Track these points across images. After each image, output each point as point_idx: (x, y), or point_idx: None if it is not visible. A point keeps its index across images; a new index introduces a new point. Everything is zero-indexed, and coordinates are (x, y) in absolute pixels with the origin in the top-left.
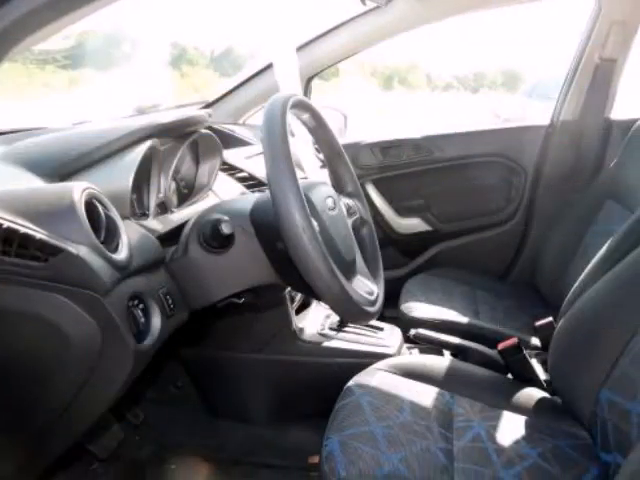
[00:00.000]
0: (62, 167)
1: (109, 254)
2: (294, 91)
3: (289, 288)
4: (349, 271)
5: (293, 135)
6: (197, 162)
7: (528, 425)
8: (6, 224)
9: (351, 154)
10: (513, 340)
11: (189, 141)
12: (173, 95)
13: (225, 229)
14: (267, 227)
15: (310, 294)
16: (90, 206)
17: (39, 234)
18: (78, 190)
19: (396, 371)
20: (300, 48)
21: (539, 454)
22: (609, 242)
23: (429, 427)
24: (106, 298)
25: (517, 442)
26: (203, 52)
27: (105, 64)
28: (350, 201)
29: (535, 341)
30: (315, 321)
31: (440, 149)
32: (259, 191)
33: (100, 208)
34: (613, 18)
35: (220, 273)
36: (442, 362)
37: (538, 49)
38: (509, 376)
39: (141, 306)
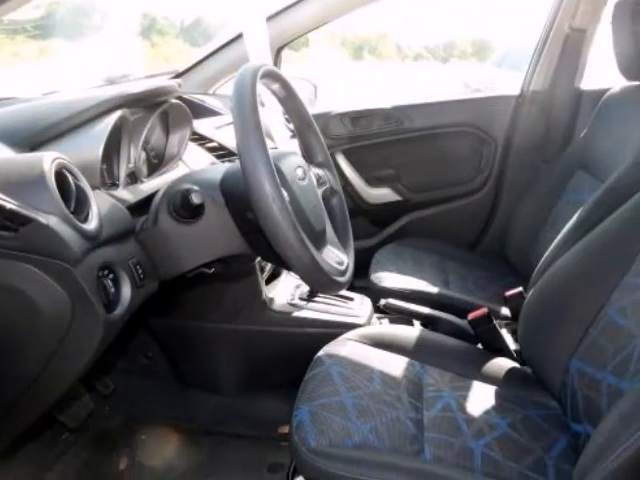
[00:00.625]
0: (32, 137)
1: (79, 224)
2: (264, 61)
3: (259, 258)
4: (319, 241)
5: (263, 105)
6: (167, 132)
7: (498, 395)
8: None
9: (321, 124)
10: (483, 310)
11: (159, 111)
12: (143, 65)
13: (195, 199)
14: (237, 197)
15: (280, 264)
16: (60, 176)
17: (9, 204)
18: (48, 160)
19: (366, 341)
20: (270, 18)
21: (509, 424)
22: (579, 212)
23: (399, 397)
24: (76, 268)
25: (487, 412)
26: (173, 22)
27: (75, 34)
28: (320, 171)
29: (505, 311)
30: (285, 291)
31: (410, 119)
32: (229, 161)
33: (70, 178)
34: None
35: (190, 243)
36: (412, 332)
37: (508, 19)
38: (479, 346)
39: (111, 276)
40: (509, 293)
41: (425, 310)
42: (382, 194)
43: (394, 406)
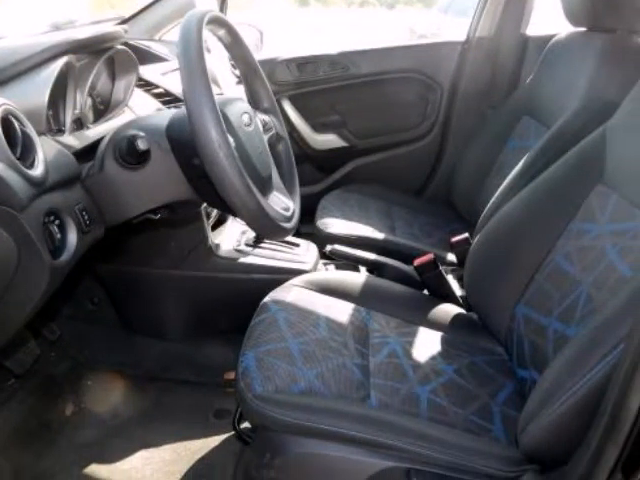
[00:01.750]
0: None
1: (25, 170)
2: (210, 7)
3: (205, 204)
4: (265, 187)
5: (209, 51)
6: (113, 78)
7: (444, 341)
8: None
9: (267, 70)
10: (429, 256)
11: (105, 57)
12: (89, 11)
13: (141, 145)
14: (183, 143)
15: (226, 210)
16: (6, 122)
17: None
18: None
19: (312, 287)
20: None
21: (455, 370)
22: (525, 158)
23: (345, 343)
24: (22, 214)
25: (433, 358)
26: None
27: None
28: (266, 117)
29: (451, 257)
30: (231, 237)
31: (356, 65)
32: (175, 107)
33: (16, 124)
34: None
35: (136, 189)
36: (358, 278)
37: None
38: (425, 292)
39: (57, 222)
40: (455, 239)
41: (371, 256)
42: (328, 140)
43: (340, 352)
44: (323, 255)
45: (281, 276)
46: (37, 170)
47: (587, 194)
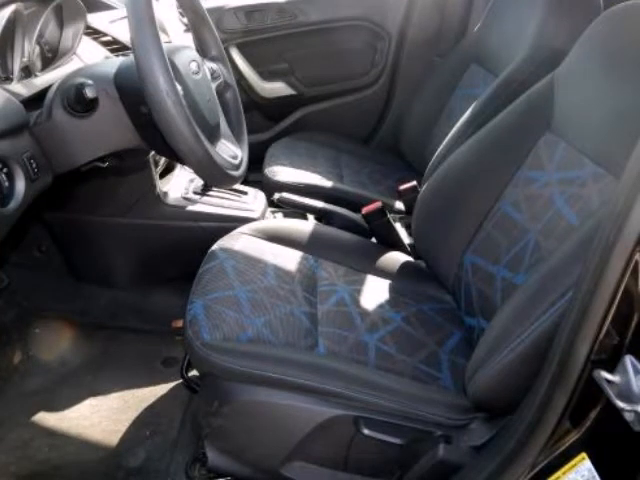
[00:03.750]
0: None
1: None
2: None
3: (153, 152)
4: (213, 135)
5: None
6: (61, 26)
7: (392, 289)
8: None
9: (215, 18)
10: (377, 204)
11: (53, 5)
12: None
13: (89, 93)
14: (131, 91)
15: (174, 158)
16: None
17: None
18: None
19: (260, 235)
20: None
21: (403, 318)
22: (473, 106)
23: (293, 291)
24: None
25: (381, 306)
26: None
27: None
28: (214, 65)
29: (399, 205)
30: (179, 185)
31: (304, 13)
32: (123, 55)
33: None
34: None
35: (84, 137)
36: (306, 226)
37: None
38: (373, 240)
39: (5, 170)
40: (403, 187)
41: (319, 204)
42: (276, 88)
43: (288, 300)
44: (271, 203)
45: (229, 224)
46: None
47: (535, 142)
